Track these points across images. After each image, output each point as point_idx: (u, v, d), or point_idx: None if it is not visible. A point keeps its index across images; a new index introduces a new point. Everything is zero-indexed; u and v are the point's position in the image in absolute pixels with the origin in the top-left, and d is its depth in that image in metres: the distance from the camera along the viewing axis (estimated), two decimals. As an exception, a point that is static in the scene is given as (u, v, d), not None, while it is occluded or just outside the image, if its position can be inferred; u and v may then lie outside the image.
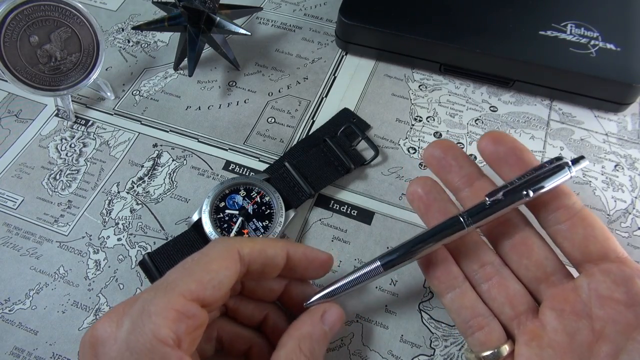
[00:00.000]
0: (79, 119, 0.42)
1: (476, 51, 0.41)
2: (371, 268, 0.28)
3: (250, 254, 0.26)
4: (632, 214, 0.37)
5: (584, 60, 0.40)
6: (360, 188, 0.38)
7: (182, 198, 0.38)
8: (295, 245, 0.28)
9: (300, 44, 0.47)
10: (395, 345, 0.32)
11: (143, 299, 0.23)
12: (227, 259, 0.25)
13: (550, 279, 0.28)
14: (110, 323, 0.22)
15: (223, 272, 0.24)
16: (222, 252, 0.25)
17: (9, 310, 0.33)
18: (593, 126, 0.42)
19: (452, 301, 0.29)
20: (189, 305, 0.22)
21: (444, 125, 0.41)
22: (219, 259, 0.24)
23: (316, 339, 0.26)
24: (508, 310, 0.28)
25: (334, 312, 0.27)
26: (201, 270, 0.24)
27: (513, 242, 0.29)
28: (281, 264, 0.27)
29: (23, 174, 0.39)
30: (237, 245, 0.25)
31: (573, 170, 0.27)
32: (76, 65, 0.40)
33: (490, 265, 0.29)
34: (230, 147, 0.41)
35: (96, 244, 0.36)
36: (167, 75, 0.45)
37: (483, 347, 0.28)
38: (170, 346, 0.21)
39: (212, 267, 0.24)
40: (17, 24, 0.37)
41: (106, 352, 0.22)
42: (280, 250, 0.27)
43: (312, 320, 0.27)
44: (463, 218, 0.28)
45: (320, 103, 0.43)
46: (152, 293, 0.23)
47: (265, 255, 0.26)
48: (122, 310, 0.23)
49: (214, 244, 0.26)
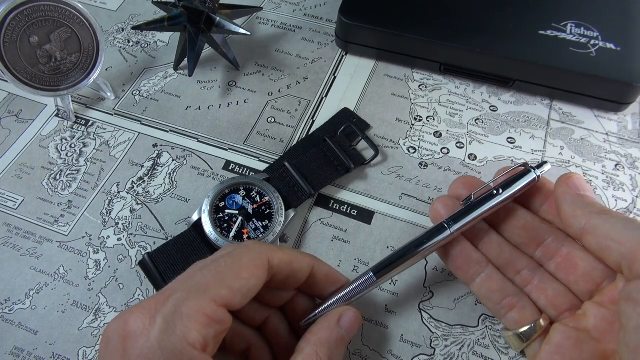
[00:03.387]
0: (79, 119, 0.42)
1: (476, 51, 0.41)
2: (364, 279, 0.29)
3: (279, 265, 0.26)
4: (632, 213, 0.37)
5: (584, 60, 0.40)
6: (360, 188, 0.38)
7: (182, 198, 0.38)
8: (320, 264, 0.29)
9: (300, 44, 0.47)
10: (395, 345, 0.32)
11: (176, 298, 0.23)
12: (259, 267, 0.25)
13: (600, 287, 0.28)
14: (143, 319, 0.22)
15: (253, 281, 0.24)
16: (254, 260, 0.25)
17: (9, 310, 0.33)
18: (593, 126, 0.42)
19: (480, 287, 0.30)
20: (219, 311, 0.23)
21: (444, 125, 0.41)
22: (251, 267, 0.25)
23: (333, 344, 0.26)
24: (551, 311, 0.29)
25: (350, 315, 0.28)
26: (233, 276, 0.24)
27: (557, 261, 0.30)
28: (303, 279, 0.28)
29: (23, 174, 0.39)
30: (269, 255, 0.26)
31: (538, 172, 0.30)
32: (76, 66, 0.40)
33: (526, 270, 0.30)
34: (230, 147, 0.41)
35: (96, 244, 0.36)
36: (167, 75, 0.45)
37: (518, 324, 0.29)
38: (198, 350, 0.22)
39: (243, 275, 0.24)
40: (17, 24, 0.37)
41: (137, 347, 0.21)
42: (307, 266, 0.28)
43: (329, 325, 0.27)
44: (446, 223, 0.29)
45: (320, 103, 0.43)
46: (185, 294, 0.23)
47: (291, 268, 0.27)
48: (154, 306, 0.22)
49: (247, 249, 0.26)
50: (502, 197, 0.30)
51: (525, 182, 0.30)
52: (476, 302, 0.33)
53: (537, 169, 0.31)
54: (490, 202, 0.30)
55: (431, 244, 0.29)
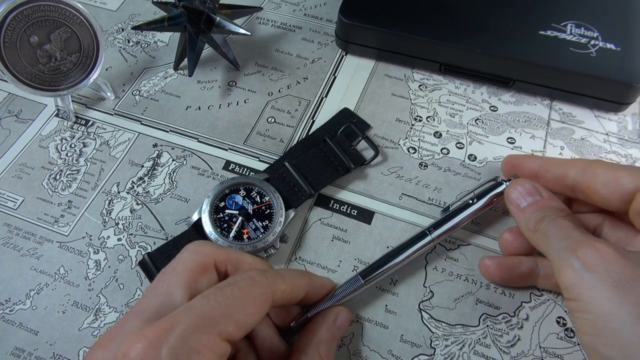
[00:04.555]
0: (79, 119, 0.42)
1: (476, 51, 0.41)
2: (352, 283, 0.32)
3: (281, 298, 0.27)
4: (632, 214, 0.37)
5: (584, 60, 0.40)
6: (360, 188, 0.38)
7: (182, 198, 0.38)
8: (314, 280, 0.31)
9: (300, 44, 0.47)
10: (395, 345, 0.32)
11: (181, 330, 0.22)
12: (264, 303, 0.25)
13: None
14: (146, 350, 0.21)
15: (257, 317, 0.25)
16: (260, 296, 0.25)
17: (9, 310, 0.33)
18: (593, 126, 0.42)
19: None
20: (223, 347, 0.23)
21: (444, 125, 0.41)
22: (257, 303, 0.25)
23: (331, 342, 0.29)
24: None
25: (344, 315, 0.31)
26: (240, 311, 0.24)
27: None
28: (297, 300, 0.29)
29: (23, 174, 0.39)
30: (273, 289, 0.26)
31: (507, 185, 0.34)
32: (76, 66, 0.40)
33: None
34: (230, 147, 0.41)
35: (96, 244, 0.36)
36: (167, 75, 0.45)
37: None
38: None
39: (249, 310, 0.24)
40: (17, 24, 0.37)
41: None
42: (303, 291, 0.29)
43: (327, 325, 0.30)
44: (428, 230, 0.33)
45: (320, 103, 0.43)
46: (191, 325, 0.22)
47: (290, 298, 0.28)
48: (157, 337, 0.22)
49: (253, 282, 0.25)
50: (477, 206, 0.34)
51: (496, 191, 0.34)
52: (476, 301, 0.33)
53: (507, 181, 0.34)
54: (467, 211, 0.34)
55: (414, 249, 0.33)
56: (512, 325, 0.32)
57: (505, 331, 0.32)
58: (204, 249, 0.27)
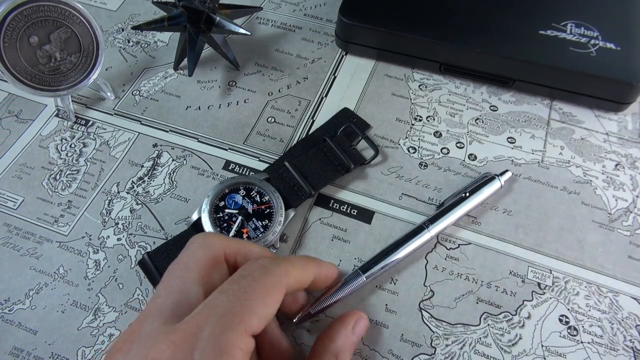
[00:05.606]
0: (79, 119, 0.42)
1: (476, 51, 0.41)
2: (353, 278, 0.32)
3: (293, 284, 0.27)
4: (633, 213, 0.37)
5: (584, 60, 0.40)
6: (360, 187, 0.38)
7: (182, 198, 0.38)
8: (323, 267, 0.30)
9: (300, 44, 0.47)
10: (395, 345, 0.32)
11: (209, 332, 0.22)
12: (279, 291, 0.25)
13: None
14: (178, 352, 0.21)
15: (275, 307, 0.25)
16: (276, 285, 0.25)
17: (8, 310, 0.33)
18: (593, 125, 0.42)
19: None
20: (250, 343, 0.23)
21: (444, 125, 0.41)
22: (274, 293, 0.25)
23: (349, 348, 0.29)
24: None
25: (363, 323, 0.30)
26: (260, 304, 0.24)
27: None
28: (306, 286, 0.29)
29: (23, 174, 0.39)
30: (286, 276, 0.26)
31: (502, 180, 0.36)
32: (76, 66, 0.40)
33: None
34: (230, 147, 0.41)
35: (96, 244, 0.36)
36: (167, 75, 0.45)
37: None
38: None
39: (267, 301, 0.24)
40: (17, 24, 0.37)
41: None
42: (311, 276, 0.29)
43: (345, 332, 0.29)
44: (425, 224, 0.34)
45: (320, 103, 0.43)
46: (219, 326, 0.22)
47: (300, 285, 0.28)
48: (186, 341, 0.21)
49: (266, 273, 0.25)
50: (471, 200, 0.35)
51: (492, 187, 0.36)
52: (477, 300, 0.33)
53: (500, 176, 0.36)
54: (461, 205, 0.35)
55: (412, 242, 0.33)
56: (513, 324, 0.32)
57: (506, 330, 0.32)
58: (213, 242, 0.27)
